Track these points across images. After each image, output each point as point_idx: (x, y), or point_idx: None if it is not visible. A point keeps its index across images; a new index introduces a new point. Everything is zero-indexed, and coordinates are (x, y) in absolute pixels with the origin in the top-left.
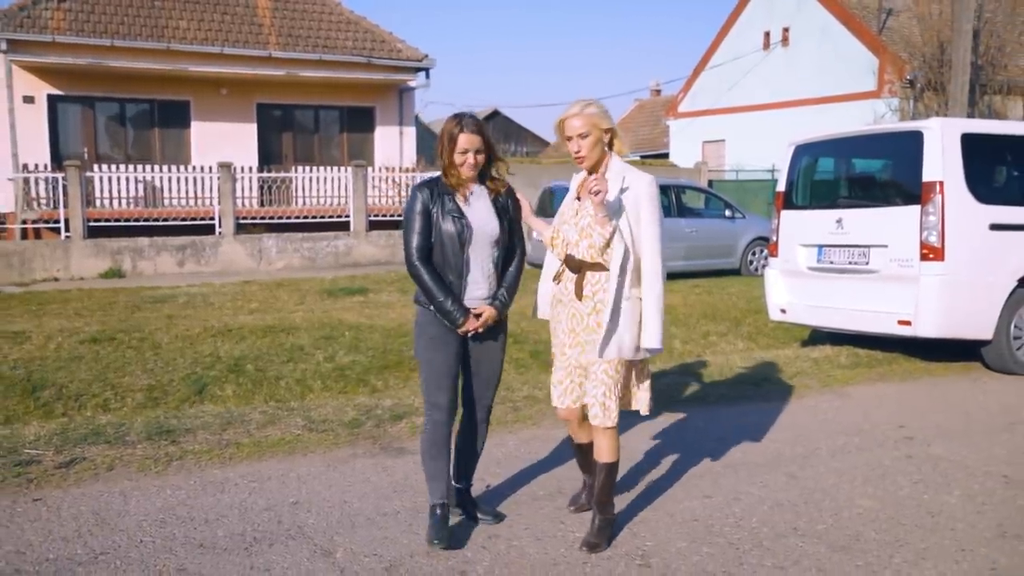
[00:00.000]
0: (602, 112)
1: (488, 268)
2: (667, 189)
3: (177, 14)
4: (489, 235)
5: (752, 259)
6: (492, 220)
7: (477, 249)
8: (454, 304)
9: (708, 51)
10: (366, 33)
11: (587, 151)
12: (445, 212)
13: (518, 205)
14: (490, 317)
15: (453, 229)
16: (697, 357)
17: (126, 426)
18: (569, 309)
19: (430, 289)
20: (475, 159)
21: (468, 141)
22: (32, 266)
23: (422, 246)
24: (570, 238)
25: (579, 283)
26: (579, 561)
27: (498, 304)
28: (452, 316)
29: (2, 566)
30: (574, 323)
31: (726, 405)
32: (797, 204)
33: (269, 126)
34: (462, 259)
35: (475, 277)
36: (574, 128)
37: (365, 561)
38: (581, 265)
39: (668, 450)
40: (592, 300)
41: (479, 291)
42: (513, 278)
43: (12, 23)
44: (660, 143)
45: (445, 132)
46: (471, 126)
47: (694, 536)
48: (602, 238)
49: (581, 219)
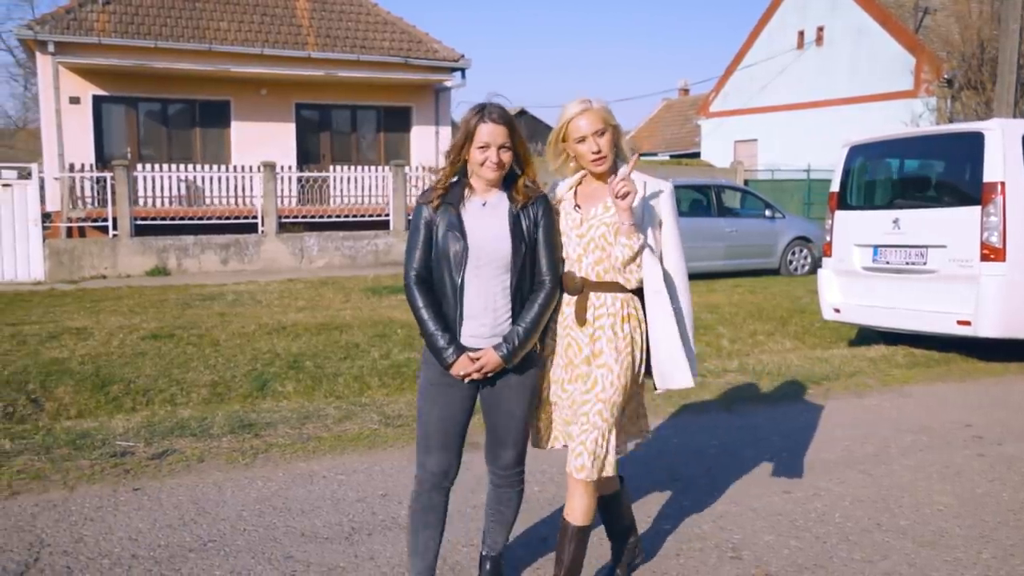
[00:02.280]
0: (609, 108)
1: (495, 299)
2: (706, 189)
3: (218, 16)
4: (495, 256)
5: (792, 259)
6: (503, 237)
7: (479, 273)
8: (446, 340)
9: (740, 51)
10: (403, 34)
11: (607, 149)
12: (446, 226)
13: (552, 220)
14: (490, 364)
15: (450, 247)
16: (748, 356)
17: (208, 420)
18: (564, 338)
19: (420, 318)
20: (499, 157)
21: (491, 133)
22: (81, 264)
23: (421, 265)
24: (571, 253)
25: (581, 306)
26: (672, 552)
27: (505, 349)
28: (441, 355)
29: (118, 551)
30: (571, 354)
31: (788, 403)
32: (851, 204)
33: (307, 126)
34: (457, 284)
35: (473, 309)
36: (588, 126)
37: (464, 551)
38: (584, 285)
39: (737, 446)
40: (592, 326)
41: (479, 327)
42: (533, 315)
43: (59, 26)
44: (689, 143)
45: (463, 123)
46: (495, 114)
47: (779, 530)
48: (628, 250)
49: (592, 229)
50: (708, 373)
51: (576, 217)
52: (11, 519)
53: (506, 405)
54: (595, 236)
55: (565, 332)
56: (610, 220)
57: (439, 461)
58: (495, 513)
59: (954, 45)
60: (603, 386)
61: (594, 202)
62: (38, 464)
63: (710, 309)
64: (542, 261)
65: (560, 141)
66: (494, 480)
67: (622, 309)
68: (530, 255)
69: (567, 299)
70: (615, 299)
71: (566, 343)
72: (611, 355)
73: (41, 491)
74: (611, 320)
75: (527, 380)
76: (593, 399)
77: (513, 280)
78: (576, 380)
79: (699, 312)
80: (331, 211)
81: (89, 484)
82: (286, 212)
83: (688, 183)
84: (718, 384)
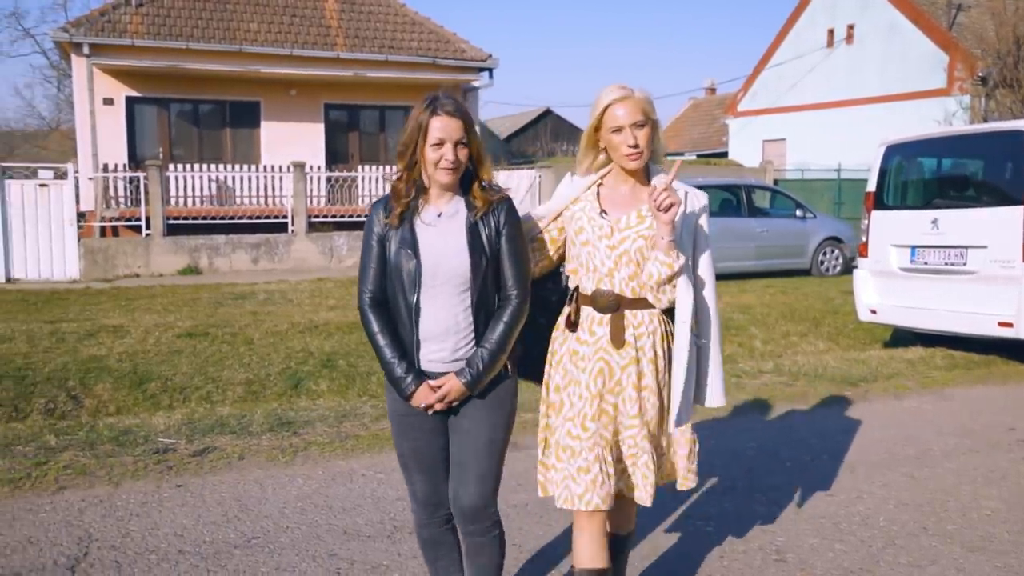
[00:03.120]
0: (651, 99)
1: (455, 320)
2: (736, 189)
3: (248, 17)
4: (453, 274)
5: (823, 259)
6: (460, 251)
7: (435, 293)
8: (403, 369)
9: (768, 50)
10: (431, 34)
11: (645, 144)
12: (398, 242)
13: (516, 226)
14: (453, 392)
15: (402, 266)
16: (781, 357)
17: (247, 418)
18: (595, 363)
19: (376, 345)
20: (455, 154)
21: (445, 128)
22: (115, 262)
23: (376, 286)
24: (600, 266)
25: (617, 325)
26: (716, 555)
27: (468, 374)
28: (399, 385)
29: (164, 547)
30: (603, 382)
31: (826, 405)
32: (888, 204)
33: (336, 126)
34: (412, 305)
35: (431, 331)
36: (627, 116)
37: (510, 550)
38: (620, 302)
39: (776, 448)
40: (634, 347)
41: (439, 351)
42: (499, 335)
43: (93, 28)
44: (716, 142)
45: (412, 120)
46: (449, 106)
47: (824, 533)
48: (667, 269)
49: (626, 241)
50: (743, 374)
51: (604, 225)
52: (60, 514)
53: (469, 431)
54: (630, 249)
55: (596, 357)
56: (647, 233)
57: (426, 491)
58: (475, 570)
59: (988, 42)
60: (652, 414)
61: (624, 208)
62: (83, 460)
63: (742, 310)
64: (507, 273)
65: (594, 131)
66: (462, 527)
67: (660, 326)
68: (493, 268)
69: (597, 318)
70: (652, 316)
71: (597, 369)
72: (652, 378)
73: (87, 487)
74: (651, 340)
75: (497, 406)
76: (639, 423)
77: (474, 298)
78: (604, 414)
79: (731, 313)
80: (359, 211)
81: (133, 480)
82: (315, 212)
83: (718, 183)
84: (754, 385)
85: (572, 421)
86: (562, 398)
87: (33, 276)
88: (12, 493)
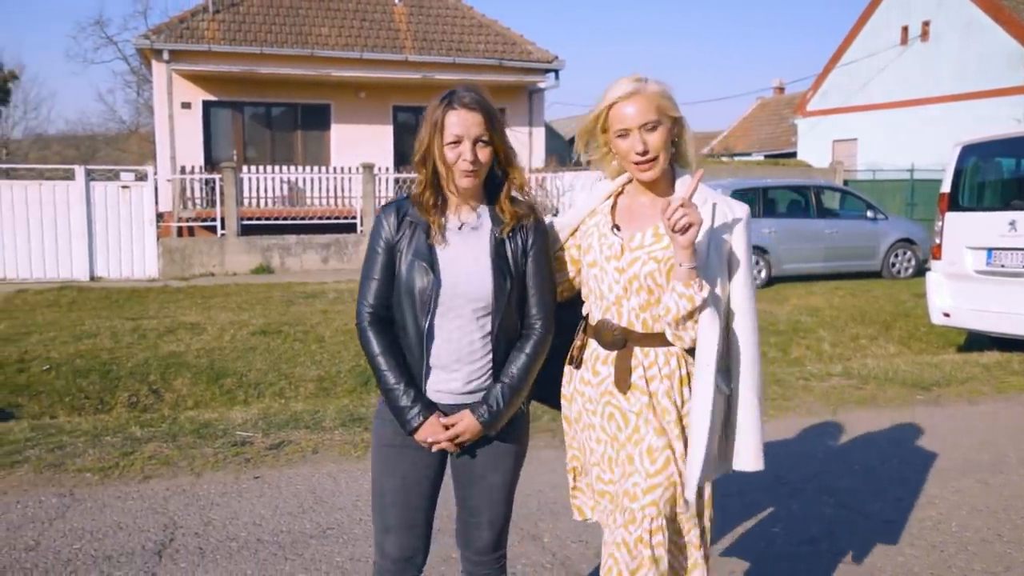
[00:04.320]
0: (668, 92)
1: (472, 347)
2: (805, 189)
3: (319, 22)
4: (474, 296)
5: (895, 261)
6: (483, 272)
7: (452, 316)
8: (410, 398)
9: (839, 48)
10: (497, 36)
11: (660, 149)
12: (412, 254)
13: (545, 247)
14: (467, 432)
15: (416, 283)
16: (850, 360)
17: (320, 413)
18: (603, 407)
19: (377, 368)
20: (474, 153)
21: (463, 122)
22: (191, 261)
23: (379, 301)
24: (607, 292)
25: (623, 366)
26: (784, 556)
27: (486, 413)
28: (403, 416)
29: (244, 535)
30: (616, 427)
31: (896, 408)
32: (963, 206)
33: (404, 127)
34: (423, 329)
35: (443, 359)
36: (635, 116)
37: (573, 547)
38: (627, 337)
39: (844, 451)
40: (646, 392)
41: (451, 382)
42: (520, 369)
43: (173, 35)
44: (785, 142)
45: (428, 115)
46: (467, 98)
47: (893, 537)
48: (686, 303)
49: (637, 264)
50: (811, 377)
51: (615, 243)
52: (146, 501)
53: (484, 476)
54: (641, 273)
55: (604, 400)
56: (662, 255)
57: (401, 544)
58: None
59: None
60: (664, 472)
61: (641, 224)
62: (166, 451)
63: (810, 312)
64: (532, 299)
65: (600, 132)
66: (467, 568)
67: (679, 368)
68: (517, 292)
69: (601, 355)
70: (669, 355)
71: (608, 414)
72: (672, 430)
73: (171, 476)
74: (667, 385)
75: (511, 445)
76: (643, 482)
77: (495, 324)
78: (618, 465)
79: (798, 315)
80: None
81: (214, 471)
82: None
83: (786, 184)
84: (822, 388)
85: (599, 466)
86: (581, 439)
87: (115, 275)
88: (102, 481)
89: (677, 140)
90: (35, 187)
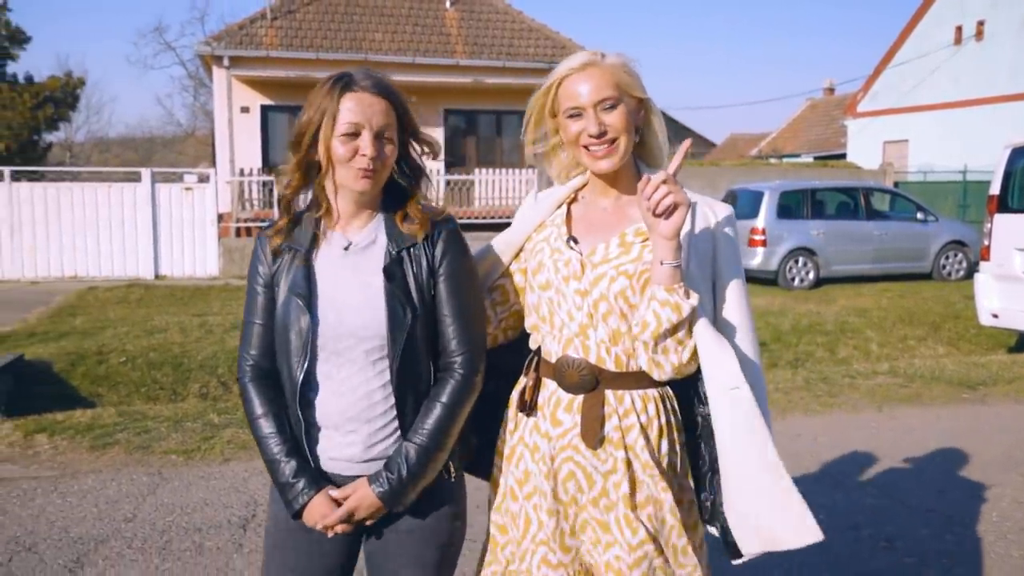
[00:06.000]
0: (631, 67)
1: (368, 401)
2: (854, 191)
3: (373, 27)
4: (361, 334)
5: (945, 263)
6: (374, 302)
7: (338, 362)
8: (293, 469)
9: (891, 49)
10: (547, 40)
11: (618, 131)
12: (288, 287)
13: (460, 261)
14: (363, 508)
15: (291, 322)
16: (898, 359)
17: None
18: (563, 465)
19: (257, 434)
20: (375, 149)
21: (363, 108)
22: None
23: (261, 351)
24: (567, 321)
25: (592, 414)
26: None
27: (386, 482)
28: (286, 493)
29: None
30: (568, 492)
31: (942, 405)
32: (1013, 207)
33: (454, 130)
34: (298, 379)
35: (332, 417)
36: (589, 93)
37: None
38: (598, 377)
39: (888, 445)
40: (620, 445)
41: (346, 446)
42: (436, 424)
43: (233, 41)
44: (835, 143)
45: (313, 101)
46: (367, 81)
47: (934, 525)
48: (672, 313)
49: (604, 282)
50: (857, 375)
51: (572, 259)
52: (228, 481)
53: (398, 572)
54: (610, 293)
55: (563, 456)
56: (634, 268)
57: None
58: None
59: None
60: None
61: (603, 233)
62: (243, 436)
63: (858, 313)
64: (448, 331)
65: (549, 116)
66: None
67: (659, 415)
68: (425, 324)
69: (563, 401)
70: (646, 399)
71: (565, 473)
72: (654, 487)
73: (248, 459)
74: (647, 436)
75: (435, 530)
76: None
77: (394, 368)
78: (580, 534)
79: (846, 316)
80: (475, 213)
81: None
82: None
83: (835, 185)
84: (868, 385)
85: (547, 544)
86: (526, 509)
87: (178, 273)
88: (186, 462)
89: (643, 128)
90: (104, 189)
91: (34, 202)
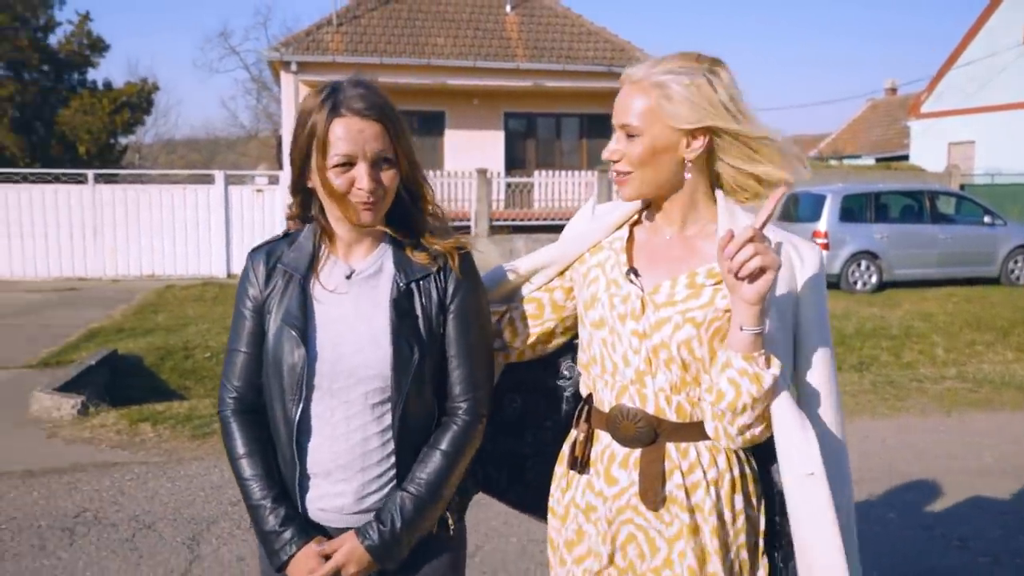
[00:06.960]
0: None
1: (364, 447)
2: (919, 194)
3: (435, 32)
4: (362, 374)
5: (1014, 268)
6: (379, 339)
7: (333, 403)
8: (279, 519)
9: (956, 49)
10: (606, 43)
11: (633, 164)
12: (281, 316)
13: (473, 297)
14: (352, 563)
15: (283, 357)
16: (965, 365)
17: None
18: (620, 528)
19: (240, 476)
20: (372, 181)
21: (353, 136)
22: None
23: (246, 383)
24: (622, 366)
25: (652, 470)
26: (898, 538)
27: (375, 535)
28: (270, 544)
29: None
30: (626, 557)
31: (1012, 411)
32: None
33: (514, 133)
34: (293, 420)
35: (324, 464)
36: (616, 114)
37: None
38: (657, 429)
39: (959, 448)
40: (686, 507)
41: (336, 496)
42: (434, 474)
43: (300, 47)
44: (897, 144)
45: (301, 123)
46: (359, 102)
47: (1007, 526)
48: (751, 385)
49: (667, 327)
50: (924, 379)
51: (632, 295)
52: None
53: None
54: (672, 341)
55: (622, 519)
56: (703, 317)
57: None
58: None
59: None
60: None
61: (669, 267)
62: None
63: (923, 317)
64: (455, 374)
65: None
66: None
67: (731, 468)
68: (434, 366)
69: (619, 456)
70: (715, 451)
71: (627, 536)
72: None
73: None
74: (717, 493)
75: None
76: None
77: (397, 413)
78: None
79: (911, 320)
80: (535, 214)
81: None
82: (494, 215)
83: (899, 188)
84: (935, 390)
85: None
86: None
87: None
88: None
89: (714, 154)
90: (179, 190)
91: (115, 204)
